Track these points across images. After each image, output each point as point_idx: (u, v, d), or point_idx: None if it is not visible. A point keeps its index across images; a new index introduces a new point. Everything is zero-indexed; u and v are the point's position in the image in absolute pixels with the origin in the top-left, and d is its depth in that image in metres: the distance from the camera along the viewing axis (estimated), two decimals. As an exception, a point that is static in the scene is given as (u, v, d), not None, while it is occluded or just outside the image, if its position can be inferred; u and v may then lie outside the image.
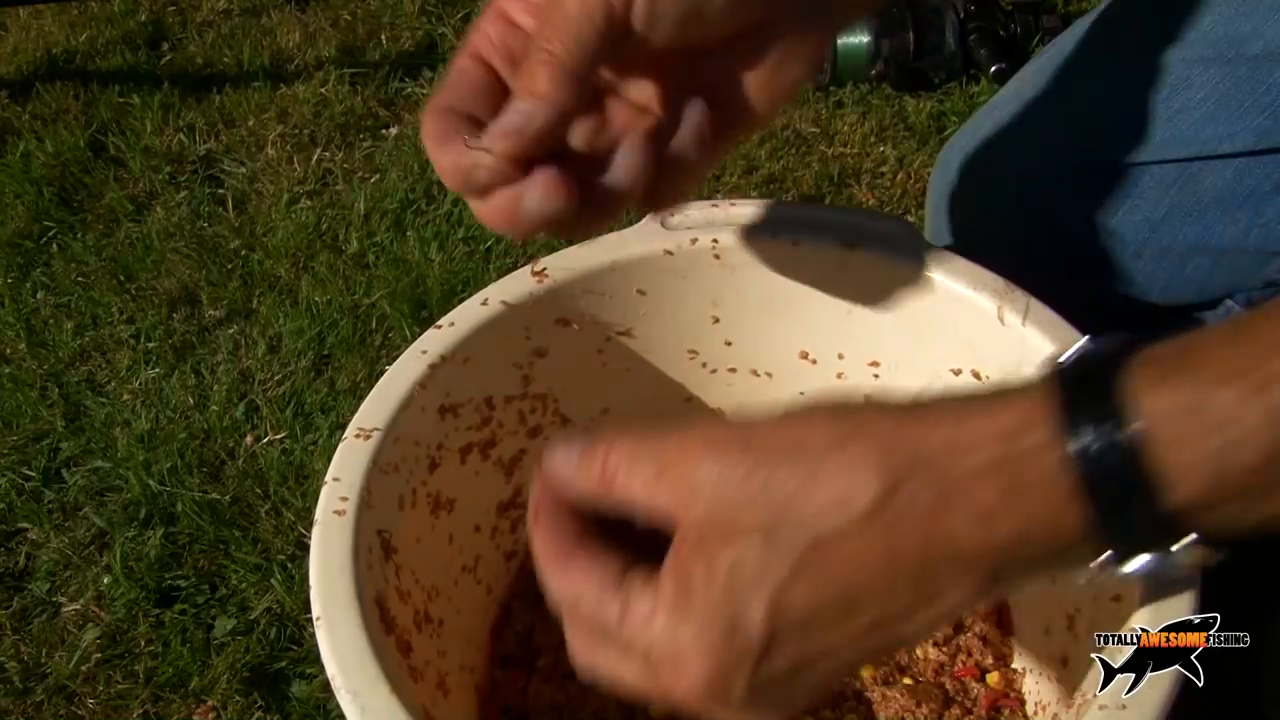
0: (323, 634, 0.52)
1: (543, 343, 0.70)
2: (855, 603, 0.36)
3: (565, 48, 0.42)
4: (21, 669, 0.95)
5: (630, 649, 0.38)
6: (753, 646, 0.36)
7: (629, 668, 0.39)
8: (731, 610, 0.36)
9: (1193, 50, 0.71)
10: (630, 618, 0.38)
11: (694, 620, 0.36)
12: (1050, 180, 0.75)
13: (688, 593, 0.36)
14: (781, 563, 0.36)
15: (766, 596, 0.36)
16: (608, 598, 0.38)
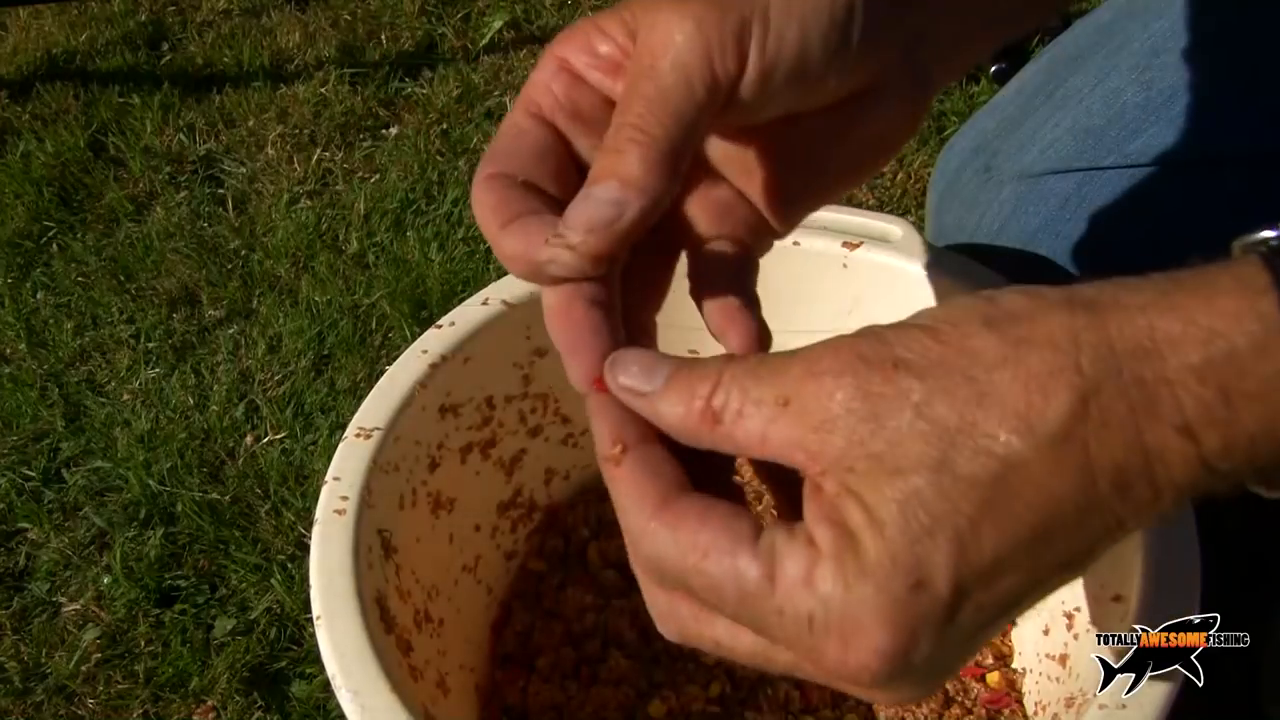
0: (323, 633, 0.52)
1: (543, 342, 0.70)
2: (1046, 539, 0.30)
3: (661, 124, 0.35)
4: (21, 669, 0.95)
5: (782, 618, 0.31)
6: (940, 603, 0.30)
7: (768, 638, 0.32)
8: (913, 560, 0.30)
9: (1195, 53, 0.71)
10: (783, 579, 0.31)
11: (869, 577, 0.30)
12: (1051, 181, 0.75)
13: (853, 544, 0.30)
14: (961, 499, 0.30)
15: (949, 540, 0.30)
16: (745, 559, 0.31)
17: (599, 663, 0.72)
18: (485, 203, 0.37)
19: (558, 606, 0.75)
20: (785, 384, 0.32)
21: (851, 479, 0.31)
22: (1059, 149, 0.75)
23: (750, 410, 0.32)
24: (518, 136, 0.38)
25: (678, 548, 0.32)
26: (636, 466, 0.34)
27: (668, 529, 0.32)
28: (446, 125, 1.47)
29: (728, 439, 0.32)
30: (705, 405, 0.33)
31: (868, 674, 0.31)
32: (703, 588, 0.32)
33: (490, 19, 1.62)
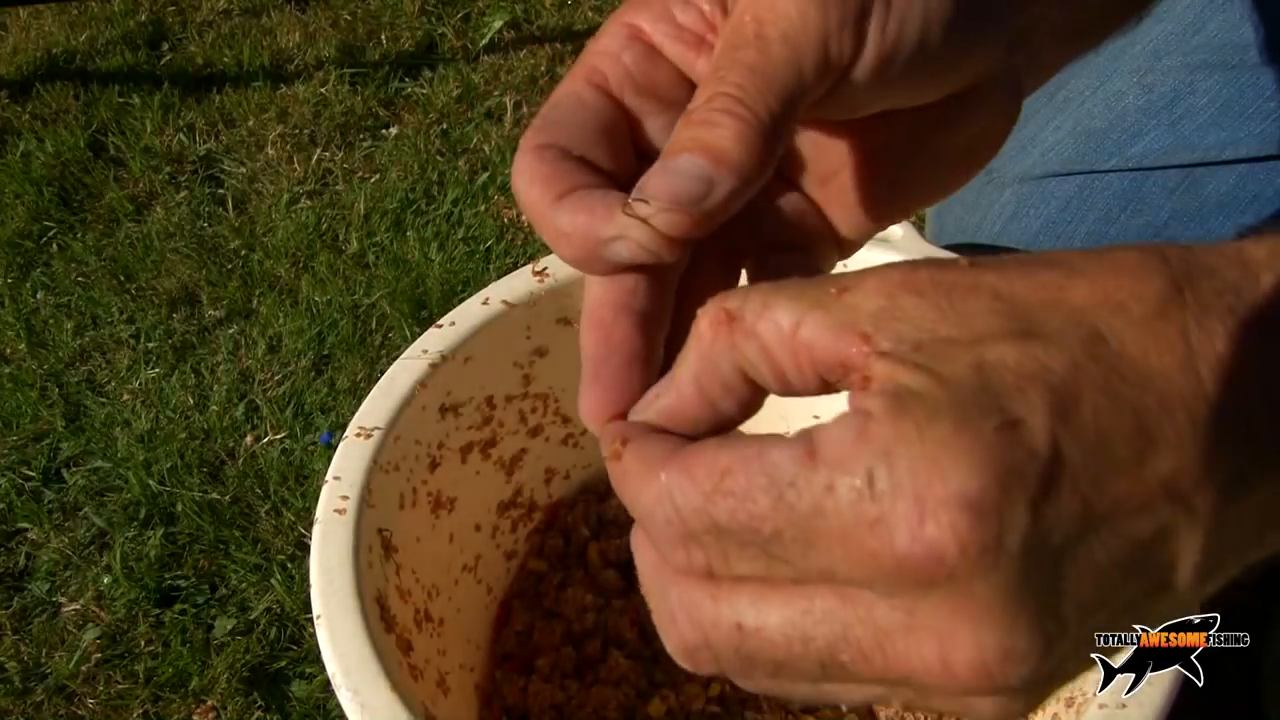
0: (323, 632, 0.52)
1: (544, 342, 0.70)
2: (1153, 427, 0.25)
3: (763, 99, 0.30)
4: (21, 669, 0.95)
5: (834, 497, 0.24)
6: (1039, 459, 0.24)
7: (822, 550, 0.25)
8: (1003, 403, 0.24)
9: (1197, 56, 0.71)
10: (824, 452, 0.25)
11: (943, 412, 0.24)
12: (1052, 184, 0.75)
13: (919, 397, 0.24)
14: (1053, 359, 0.25)
15: (1045, 395, 0.24)
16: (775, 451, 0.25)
17: (599, 663, 0.72)
18: (534, 173, 0.32)
19: (558, 606, 0.75)
20: (841, 279, 0.27)
21: (916, 356, 0.25)
22: (1060, 151, 0.75)
23: (781, 303, 0.27)
24: (577, 106, 0.34)
25: (692, 481, 0.26)
26: (639, 445, 0.28)
27: (680, 470, 0.26)
28: (446, 125, 1.47)
29: (749, 338, 0.27)
30: (719, 312, 0.27)
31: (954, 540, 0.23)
32: (729, 513, 0.25)
33: (490, 19, 1.62)
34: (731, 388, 0.28)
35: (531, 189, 0.32)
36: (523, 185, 0.32)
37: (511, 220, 1.33)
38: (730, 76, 0.30)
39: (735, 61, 0.30)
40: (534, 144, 0.33)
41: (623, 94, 0.34)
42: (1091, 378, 0.25)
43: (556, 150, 0.32)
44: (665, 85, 0.34)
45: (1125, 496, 0.25)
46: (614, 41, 0.34)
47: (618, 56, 0.34)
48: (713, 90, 0.30)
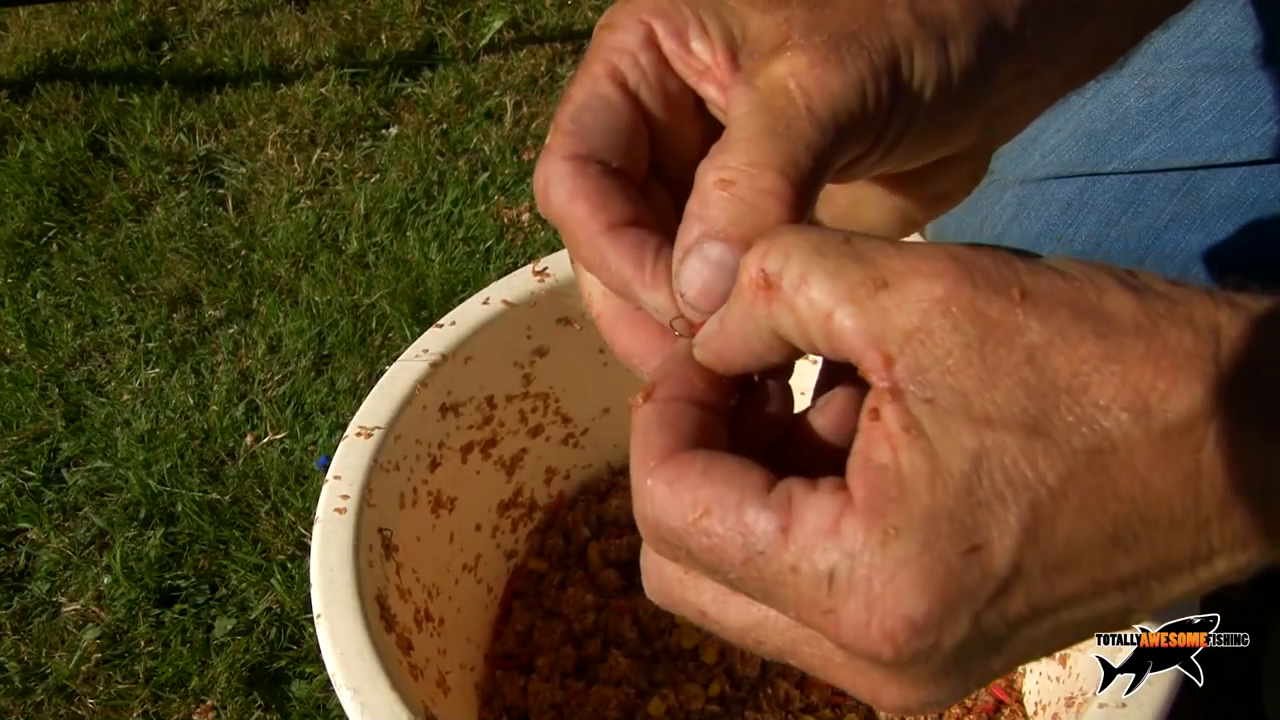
0: (323, 631, 0.52)
1: (544, 342, 0.70)
2: (1129, 540, 0.26)
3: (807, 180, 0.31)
4: (21, 669, 0.95)
5: (796, 577, 0.26)
6: (993, 580, 0.26)
7: (777, 605, 0.28)
8: (973, 523, 0.25)
9: (1198, 58, 0.71)
10: (796, 533, 0.26)
11: (914, 530, 0.25)
12: (1053, 186, 0.75)
13: (903, 492, 0.26)
14: (1050, 469, 0.25)
15: (1024, 513, 0.25)
16: (753, 510, 0.27)
17: (599, 663, 0.72)
18: (578, 189, 0.33)
19: (558, 606, 0.75)
20: (884, 267, 0.27)
21: (925, 413, 0.26)
22: (1061, 154, 0.75)
23: (820, 279, 0.27)
24: (608, 111, 0.34)
25: (676, 506, 0.28)
26: (650, 416, 0.30)
27: (665, 484, 0.28)
28: (446, 125, 1.47)
29: (787, 310, 0.27)
30: (757, 272, 0.28)
31: (890, 647, 0.26)
32: (703, 549, 0.28)
33: (490, 19, 1.62)
34: (771, 346, 0.29)
35: (576, 206, 0.33)
36: (562, 198, 0.33)
37: (511, 220, 1.33)
38: (783, 149, 0.30)
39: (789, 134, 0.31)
40: (572, 153, 0.34)
41: (640, 94, 0.35)
42: (1081, 492, 0.25)
43: (597, 165, 0.33)
44: (676, 93, 0.35)
45: (1077, 594, 0.26)
46: (632, 39, 0.34)
47: (635, 58, 0.34)
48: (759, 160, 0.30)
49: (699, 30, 0.34)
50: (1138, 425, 0.25)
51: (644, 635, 0.73)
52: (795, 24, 0.32)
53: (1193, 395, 0.25)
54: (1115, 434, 0.25)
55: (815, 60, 0.31)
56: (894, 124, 0.33)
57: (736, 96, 0.32)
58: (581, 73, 0.35)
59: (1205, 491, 0.26)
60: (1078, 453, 0.25)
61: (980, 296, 0.26)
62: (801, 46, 0.32)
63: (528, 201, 1.35)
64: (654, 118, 0.35)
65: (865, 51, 0.32)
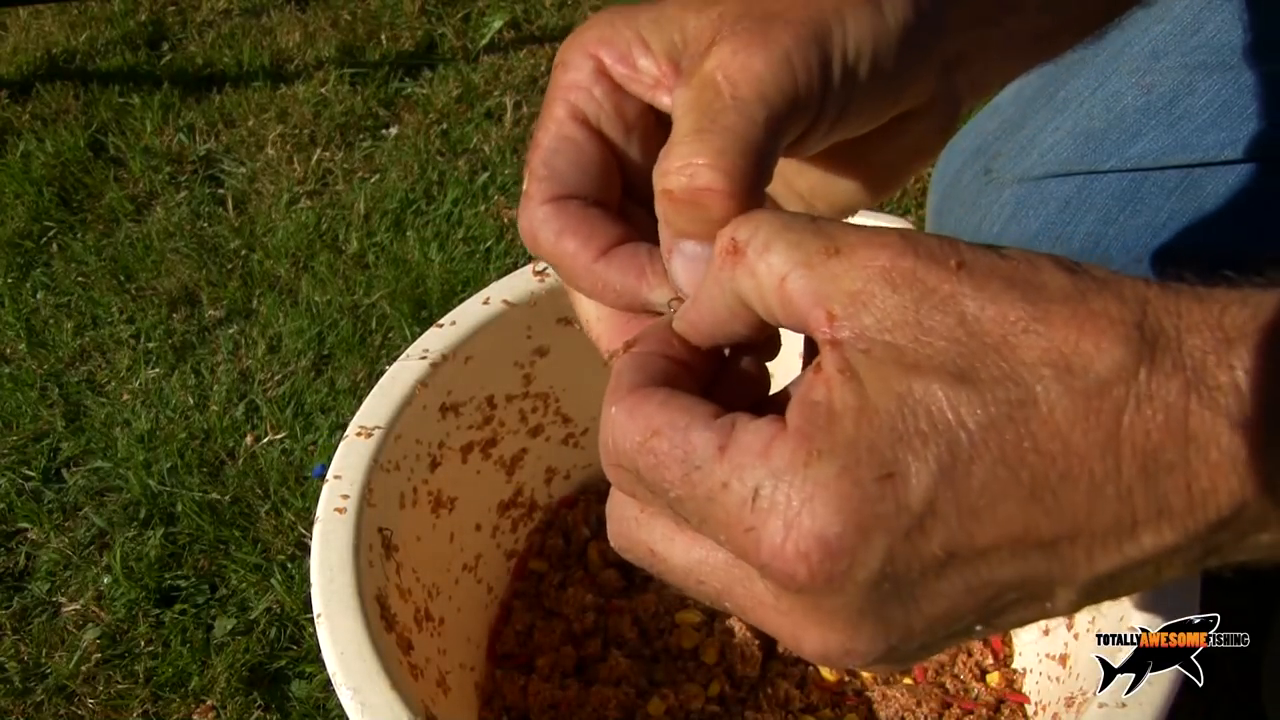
0: (323, 631, 0.52)
1: (544, 342, 0.70)
2: (1048, 497, 0.27)
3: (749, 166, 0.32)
4: (21, 669, 0.95)
5: (725, 493, 0.28)
6: (906, 513, 0.27)
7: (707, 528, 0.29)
8: (892, 455, 0.27)
9: (1196, 56, 0.71)
10: (732, 451, 0.28)
11: (835, 455, 0.27)
12: (1051, 184, 0.75)
13: (831, 421, 0.28)
14: (971, 416, 0.27)
15: (942, 454, 0.27)
16: (698, 430, 0.29)
17: (599, 663, 0.72)
18: (564, 227, 0.35)
19: (558, 606, 0.75)
20: (839, 237, 0.29)
21: (860, 360, 0.28)
22: (1059, 152, 0.75)
23: (780, 248, 0.29)
24: (575, 150, 0.36)
25: (631, 428, 0.30)
26: (626, 362, 0.32)
27: (625, 411, 0.30)
28: (446, 125, 1.47)
29: (749, 275, 0.30)
30: (729, 241, 0.30)
31: (804, 566, 0.27)
32: (648, 469, 0.29)
33: (490, 19, 1.62)
34: (736, 313, 0.31)
35: (565, 242, 0.35)
36: (550, 238, 0.35)
37: (511, 220, 1.33)
38: (708, 145, 0.32)
39: (716, 127, 0.32)
40: (550, 195, 0.36)
41: (603, 127, 0.37)
42: (1001, 441, 0.27)
43: (576, 202, 0.36)
44: (636, 118, 0.37)
45: (994, 546, 0.27)
46: (583, 75, 0.36)
47: (590, 92, 0.36)
48: (691, 160, 0.32)
49: (641, 47, 0.36)
50: (1060, 382, 0.27)
51: (644, 635, 0.73)
52: (726, 17, 0.34)
53: (1114, 356, 0.27)
54: (1038, 389, 0.27)
55: (739, 46, 0.32)
56: (833, 93, 0.34)
57: (675, 99, 0.34)
58: (544, 115, 0.37)
59: (1126, 455, 0.27)
60: (1000, 403, 0.27)
61: (920, 265, 0.28)
62: (726, 38, 0.33)
63: (528, 201, 1.35)
64: (618, 144, 0.37)
65: (790, 26, 0.33)
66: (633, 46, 0.36)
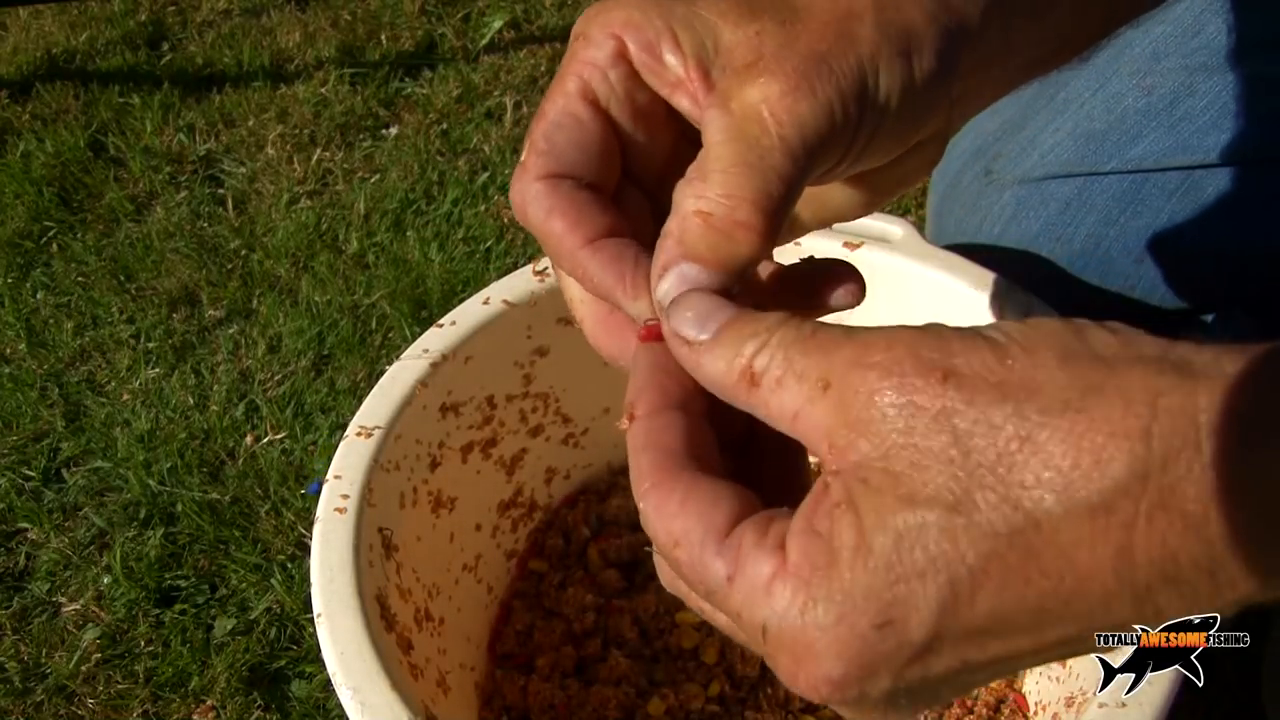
0: (323, 630, 0.52)
1: (544, 342, 0.70)
2: (1056, 614, 0.27)
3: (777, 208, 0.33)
4: (21, 669, 0.95)
5: (740, 621, 0.30)
6: (909, 648, 0.28)
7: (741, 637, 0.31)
8: (890, 597, 0.27)
9: (1196, 58, 0.71)
10: (742, 583, 0.29)
11: (833, 602, 0.28)
12: (1052, 185, 0.75)
13: (830, 563, 0.28)
14: (971, 547, 0.26)
15: (942, 589, 0.27)
16: (710, 554, 0.30)
17: (599, 663, 0.72)
18: (554, 207, 0.35)
19: (558, 606, 0.75)
20: (831, 366, 0.29)
21: (859, 491, 0.28)
22: (1060, 153, 0.75)
23: (790, 383, 0.30)
24: (579, 129, 0.36)
25: (660, 528, 0.31)
26: (638, 437, 0.32)
27: (653, 509, 0.31)
28: (446, 125, 1.47)
29: (763, 405, 0.31)
30: (747, 365, 0.31)
31: (817, 696, 0.29)
32: (678, 573, 0.31)
33: (490, 19, 1.62)
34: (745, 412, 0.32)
35: (553, 222, 0.35)
36: (540, 215, 0.35)
37: (511, 220, 1.33)
38: (756, 181, 0.33)
39: (761, 164, 0.33)
40: (545, 171, 0.36)
41: (611, 109, 0.36)
42: (1003, 569, 0.27)
43: (570, 182, 0.35)
44: (648, 109, 0.37)
45: (1010, 654, 0.28)
46: (601, 54, 0.36)
47: (605, 73, 0.36)
48: (735, 191, 0.33)
49: (671, 43, 0.35)
50: (1060, 504, 0.26)
51: (644, 635, 0.73)
52: (766, 40, 0.34)
53: (1115, 474, 0.26)
54: (1038, 513, 0.26)
55: (787, 88, 0.33)
56: (860, 136, 0.34)
57: (712, 120, 0.34)
58: (555, 86, 0.37)
59: (1142, 563, 0.26)
60: (999, 533, 0.26)
61: (907, 384, 0.28)
62: (774, 72, 0.33)
63: (528, 201, 1.35)
64: (625, 129, 0.37)
65: (834, 76, 0.33)
66: (661, 38, 0.35)
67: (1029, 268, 0.74)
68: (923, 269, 0.67)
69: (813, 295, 0.37)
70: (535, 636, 0.74)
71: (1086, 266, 0.73)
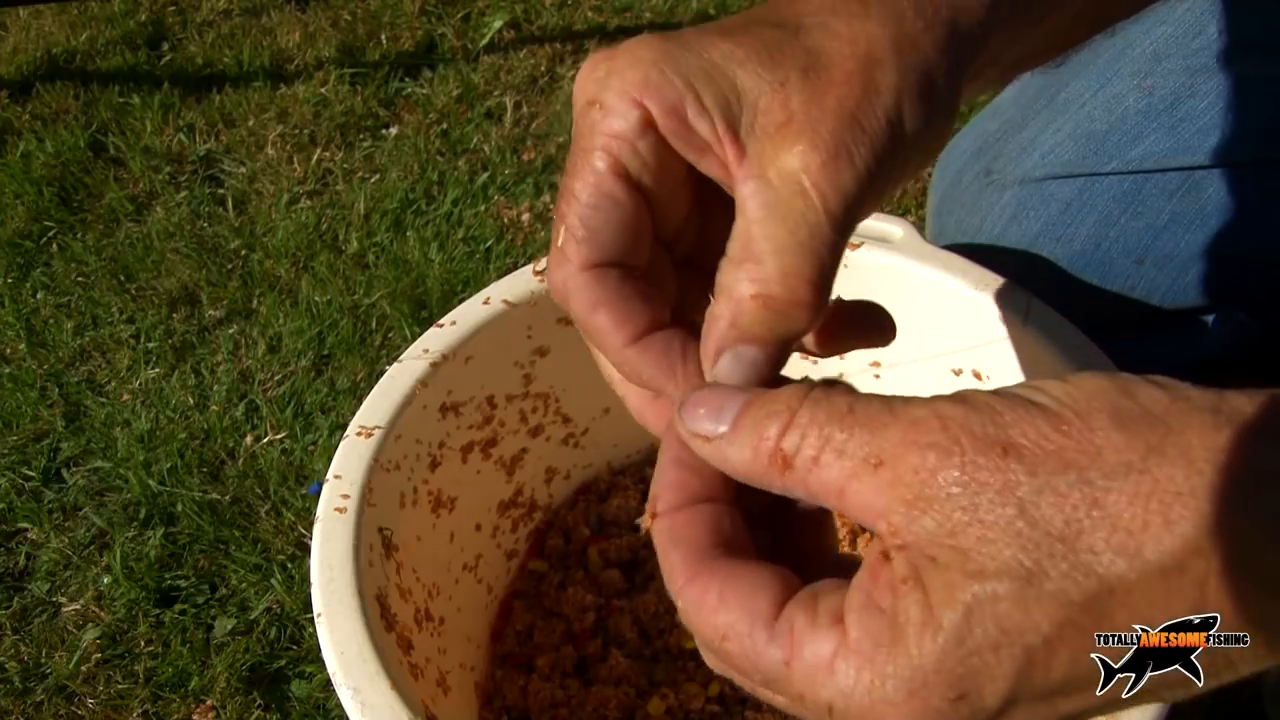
0: (324, 630, 0.52)
1: (544, 342, 0.70)
2: None
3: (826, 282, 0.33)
4: (21, 669, 0.95)
5: (803, 703, 0.29)
6: (984, 711, 0.27)
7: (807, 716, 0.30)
8: (964, 670, 0.27)
9: (1197, 59, 0.71)
10: (800, 666, 0.29)
11: (902, 679, 0.27)
12: (1052, 186, 0.75)
13: (894, 639, 0.28)
14: (1045, 617, 0.26)
15: (1017, 659, 0.27)
16: (761, 642, 0.29)
17: (599, 662, 0.72)
18: (603, 305, 0.34)
19: (558, 606, 0.75)
20: (881, 445, 0.29)
21: (926, 567, 0.28)
22: (1060, 154, 0.75)
23: (830, 460, 0.29)
24: (616, 210, 0.35)
25: (704, 625, 0.30)
26: (664, 534, 0.32)
27: (693, 607, 0.31)
28: (446, 125, 1.47)
29: (801, 485, 0.30)
30: (775, 448, 0.30)
31: None
32: (730, 666, 0.31)
33: (490, 19, 1.62)
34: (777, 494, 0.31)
35: (599, 318, 0.35)
36: (585, 310, 0.35)
37: (511, 220, 1.33)
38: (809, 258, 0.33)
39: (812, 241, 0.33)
40: (589, 261, 0.35)
41: (643, 181, 0.35)
42: (1079, 635, 0.26)
43: (616, 272, 0.35)
44: (677, 178, 0.36)
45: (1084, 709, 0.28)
46: (628, 126, 0.34)
47: (634, 145, 0.34)
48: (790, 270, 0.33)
49: (696, 105, 0.34)
50: (1132, 568, 0.26)
51: (644, 635, 0.73)
52: (794, 95, 0.33)
53: (1184, 534, 0.26)
54: (1110, 578, 0.26)
55: (827, 159, 0.32)
56: (890, 187, 0.35)
57: (753, 193, 0.33)
58: (580, 162, 0.35)
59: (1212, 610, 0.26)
60: (1073, 601, 0.26)
61: (968, 462, 0.27)
62: (810, 139, 0.33)
63: (528, 201, 1.35)
64: (655, 197, 0.36)
65: (867, 138, 0.33)
66: (685, 99, 0.34)
67: (1029, 268, 0.74)
68: (923, 269, 0.67)
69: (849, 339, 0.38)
70: (535, 636, 0.74)
71: (1087, 267, 0.73)
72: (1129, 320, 0.74)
